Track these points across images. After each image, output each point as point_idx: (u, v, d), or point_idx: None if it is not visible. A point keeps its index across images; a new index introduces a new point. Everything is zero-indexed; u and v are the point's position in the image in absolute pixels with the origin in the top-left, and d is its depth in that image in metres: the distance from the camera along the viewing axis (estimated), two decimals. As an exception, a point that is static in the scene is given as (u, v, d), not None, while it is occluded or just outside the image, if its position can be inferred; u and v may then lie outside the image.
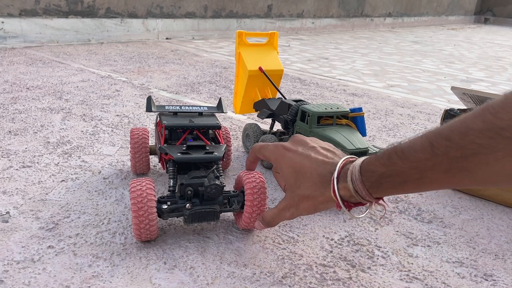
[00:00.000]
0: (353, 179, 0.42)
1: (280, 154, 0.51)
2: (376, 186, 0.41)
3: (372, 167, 0.41)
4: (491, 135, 0.31)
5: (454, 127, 0.34)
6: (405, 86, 2.04)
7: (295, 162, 0.49)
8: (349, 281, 0.59)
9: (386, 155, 0.40)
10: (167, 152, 0.67)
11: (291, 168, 0.49)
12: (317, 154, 0.48)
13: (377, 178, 0.41)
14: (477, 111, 0.33)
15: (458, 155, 0.33)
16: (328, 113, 0.85)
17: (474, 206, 0.85)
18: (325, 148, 0.50)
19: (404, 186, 0.39)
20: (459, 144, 0.33)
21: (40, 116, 1.22)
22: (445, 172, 0.35)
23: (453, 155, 0.34)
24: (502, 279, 0.62)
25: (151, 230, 0.61)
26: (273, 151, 0.53)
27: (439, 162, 0.35)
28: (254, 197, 0.64)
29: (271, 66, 1.03)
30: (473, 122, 0.33)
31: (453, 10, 7.28)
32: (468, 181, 0.35)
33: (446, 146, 0.34)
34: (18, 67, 1.83)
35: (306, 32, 4.31)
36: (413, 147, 0.37)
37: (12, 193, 0.78)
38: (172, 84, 1.73)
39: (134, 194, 0.60)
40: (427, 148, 0.36)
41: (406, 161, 0.37)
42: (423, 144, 0.36)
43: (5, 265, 0.58)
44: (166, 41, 3.04)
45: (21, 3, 2.40)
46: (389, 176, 0.39)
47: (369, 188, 0.42)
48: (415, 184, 0.38)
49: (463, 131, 0.33)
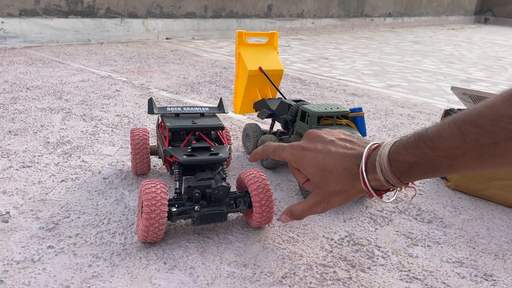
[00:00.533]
0: (383, 170, 0.42)
1: (300, 155, 0.51)
2: (407, 175, 0.42)
3: (400, 157, 0.41)
4: None
5: (483, 114, 0.34)
6: (405, 86, 2.04)
7: (317, 161, 0.48)
8: (349, 281, 0.59)
9: (415, 144, 0.39)
10: (172, 155, 0.67)
11: (315, 167, 0.49)
12: (337, 147, 0.48)
13: (408, 168, 0.41)
14: (506, 97, 0.33)
15: (490, 141, 0.34)
16: (328, 113, 0.85)
17: (474, 206, 0.85)
18: (342, 139, 0.50)
19: (435, 173, 0.40)
20: (489, 130, 0.34)
21: (40, 116, 1.22)
22: (477, 157, 0.35)
23: (484, 142, 0.34)
24: (502, 279, 0.62)
25: (159, 234, 0.62)
26: (292, 153, 0.52)
27: (470, 149, 0.35)
28: (261, 197, 0.65)
29: (271, 66, 1.03)
30: (503, 108, 0.33)
31: (453, 10, 7.28)
32: (500, 164, 0.35)
33: (476, 133, 0.34)
34: (18, 67, 1.83)
35: (306, 32, 4.31)
36: (442, 136, 0.37)
37: (12, 193, 0.78)
38: (172, 84, 1.73)
39: (148, 196, 0.60)
40: (457, 136, 0.36)
41: (437, 150, 0.38)
42: (452, 132, 0.36)
43: (5, 265, 0.58)
44: (166, 41, 3.04)
45: (21, 3, 2.40)
46: (420, 165, 0.40)
47: (399, 177, 0.42)
48: (446, 170, 0.39)
49: (493, 117, 0.33)
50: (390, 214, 0.80)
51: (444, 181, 0.95)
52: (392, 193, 0.47)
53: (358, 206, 0.81)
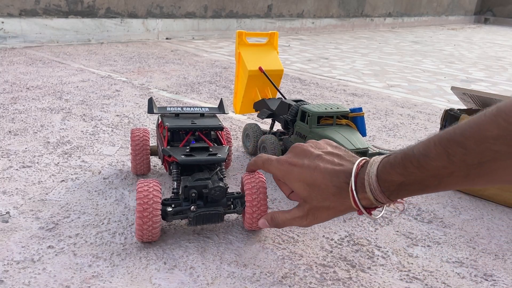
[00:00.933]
0: (372, 190, 0.42)
1: (287, 170, 0.51)
2: (396, 193, 0.42)
3: (389, 176, 0.41)
4: (508, 142, 0.31)
5: (468, 134, 0.34)
6: (405, 86, 2.04)
7: (305, 176, 0.48)
8: (349, 281, 0.59)
9: (401, 164, 0.39)
10: (171, 154, 0.67)
11: (302, 182, 0.48)
12: (325, 162, 0.47)
13: (396, 187, 0.41)
14: (490, 117, 0.33)
15: (476, 162, 0.34)
16: (328, 113, 0.85)
17: (474, 206, 0.85)
18: (329, 152, 0.49)
19: (423, 191, 0.40)
20: (475, 151, 0.33)
21: (40, 116, 1.22)
22: (463, 177, 0.36)
23: (470, 162, 0.34)
24: (502, 279, 0.62)
25: (154, 232, 0.62)
26: (279, 169, 0.52)
27: (457, 169, 0.35)
28: (253, 197, 0.64)
29: (271, 66, 1.03)
30: (487, 130, 0.33)
31: (453, 10, 7.28)
32: (487, 183, 0.35)
33: (462, 154, 0.34)
34: (18, 67, 1.83)
35: (306, 32, 4.31)
36: (428, 156, 0.37)
37: (12, 193, 0.78)
38: (172, 84, 1.73)
39: (140, 195, 0.60)
40: (443, 157, 0.36)
41: (424, 170, 0.38)
42: (438, 153, 0.36)
43: (5, 265, 0.58)
44: (166, 41, 3.04)
45: (21, 3, 2.40)
46: (409, 185, 0.40)
47: (389, 196, 0.42)
48: (435, 188, 0.39)
49: (478, 138, 0.33)
50: (390, 214, 0.80)
51: (444, 181, 0.95)
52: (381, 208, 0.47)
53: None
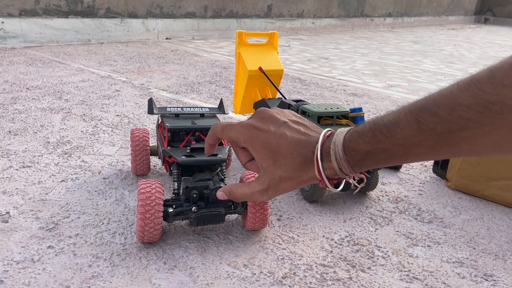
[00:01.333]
0: (338, 159, 0.42)
1: (251, 135, 0.49)
2: (360, 164, 0.41)
3: (355, 145, 0.41)
4: (479, 109, 0.32)
5: (440, 102, 0.34)
6: (405, 86, 2.04)
7: (270, 143, 0.47)
8: (349, 281, 0.59)
9: (370, 132, 0.39)
10: (171, 155, 0.67)
11: (267, 150, 0.47)
12: (292, 131, 0.47)
13: (362, 156, 0.41)
14: (463, 86, 0.33)
15: (445, 130, 0.34)
16: (328, 113, 0.85)
17: (474, 206, 0.85)
18: (294, 121, 0.49)
19: (388, 162, 0.40)
20: (446, 119, 0.34)
21: (40, 116, 1.22)
22: (430, 147, 0.36)
23: (440, 131, 0.34)
24: (502, 279, 0.62)
25: (155, 234, 0.62)
26: (242, 132, 0.50)
27: (425, 138, 0.35)
28: None
29: (271, 66, 1.03)
30: (460, 97, 0.33)
31: (453, 10, 7.28)
32: (452, 154, 0.35)
33: (433, 122, 0.34)
34: (18, 67, 1.83)
35: (306, 32, 4.31)
36: (398, 124, 0.37)
37: (12, 193, 0.78)
38: (172, 84, 1.73)
39: (143, 196, 0.60)
40: (413, 125, 0.36)
41: (392, 139, 0.37)
42: (408, 121, 0.36)
43: (5, 265, 0.58)
44: (166, 41, 3.04)
45: (21, 3, 2.40)
46: (374, 154, 0.40)
47: (353, 166, 0.42)
48: (399, 159, 0.39)
49: (450, 106, 0.33)
50: (390, 214, 0.80)
51: (444, 181, 0.95)
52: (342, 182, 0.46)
53: (358, 206, 0.81)
